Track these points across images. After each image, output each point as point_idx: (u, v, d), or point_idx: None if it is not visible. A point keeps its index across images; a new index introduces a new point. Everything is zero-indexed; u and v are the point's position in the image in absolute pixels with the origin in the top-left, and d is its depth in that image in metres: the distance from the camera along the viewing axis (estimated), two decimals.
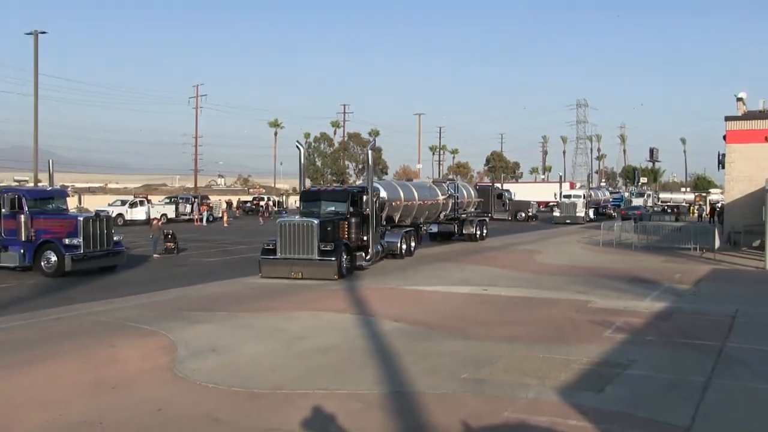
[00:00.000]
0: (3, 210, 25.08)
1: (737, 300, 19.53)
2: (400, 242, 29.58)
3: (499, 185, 75.39)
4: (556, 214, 63.50)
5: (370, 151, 27.99)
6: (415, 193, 33.24)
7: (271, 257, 23.38)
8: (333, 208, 25.57)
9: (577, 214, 61.50)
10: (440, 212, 36.79)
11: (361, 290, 20.97)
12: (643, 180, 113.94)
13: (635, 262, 29.90)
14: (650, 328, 15.56)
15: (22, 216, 24.67)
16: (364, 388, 10.89)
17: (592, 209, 65.85)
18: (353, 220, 24.89)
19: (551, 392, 10.57)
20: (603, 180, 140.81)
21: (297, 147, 27.99)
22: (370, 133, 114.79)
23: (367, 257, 25.13)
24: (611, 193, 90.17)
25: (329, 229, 23.62)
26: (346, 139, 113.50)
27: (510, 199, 70.25)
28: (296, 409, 9.77)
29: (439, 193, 36.20)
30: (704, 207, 74.59)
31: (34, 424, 9.32)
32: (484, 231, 41.07)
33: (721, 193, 68.60)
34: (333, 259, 22.60)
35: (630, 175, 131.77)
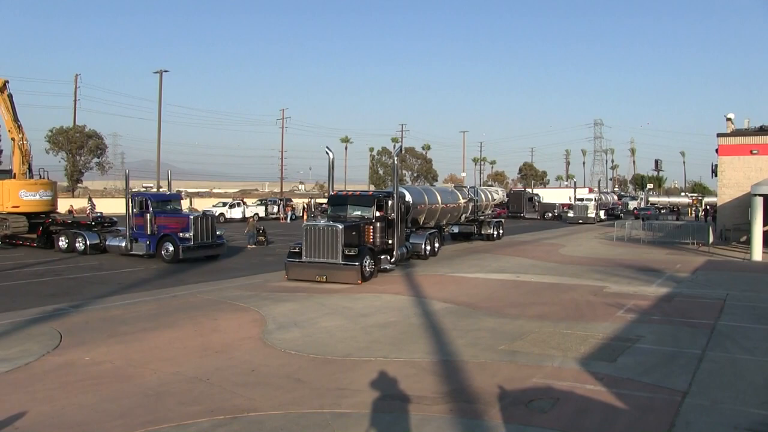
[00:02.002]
0: (134, 210, 25.81)
1: (727, 285, 19.07)
2: (425, 244, 26.15)
3: (530, 190, 74.68)
4: (570, 214, 60.93)
5: (395, 157, 23.48)
6: (439, 197, 29.82)
7: (297, 260, 19.97)
8: (359, 213, 22.14)
9: (588, 215, 59.05)
10: (461, 214, 33.44)
11: (415, 276, 20.93)
12: (650, 186, 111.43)
13: (643, 254, 29.22)
14: (655, 309, 15.22)
15: (148, 215, 25.32)
16: (417, 356, 10.86)
17: (603, 211, 63.99)
18: (378, 224, 21.54)
19: (572, 362, 10.43)
20: (616, 186, 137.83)
21: (327, 152, 24.13)
22: (423, 147, 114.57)
23: (392, 260, 21.82)
24: (619, 197, 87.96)
25: (354, 233, 20.33)
26: (403, 152, 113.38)
27: (539, 202, 69.60)
28: (362, 372, 9.81)
29: (461, 197, 32.78)
30: (699, 208, 72.52)
31: (159, 376, 9.58)
32: (501, 231, 37.61)
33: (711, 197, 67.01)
34: (356, 263, 19.17)
35: (639, 182, 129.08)
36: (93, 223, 28.75)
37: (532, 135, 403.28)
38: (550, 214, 67.00)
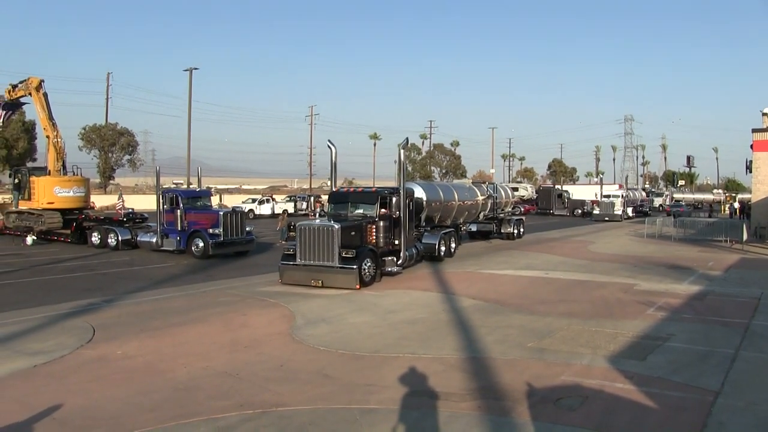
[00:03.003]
0: (165, 206, 26.16)
1: (762, 284, 18.71)
2: (438, 244, 24.08)
3: (559, 187, 73.97)
4: (596, 211, 58.73)
5: (401, 150, 20.86)
6: (455, 194, 27.87)
7: (291, 263, 18.20)
8: (361, 211, 20.27)
9: (615, 212, 56.91)
10: (479, 212, 31.41)
11: (444, 273, 20.89)
12: (681, 182, 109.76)
13: (674, 251, 28.79)
14: (686, 308, 14.99)
15: (178, 211, 25.62)
16: (446, 353, 10.85)
17: (630, 208, 62.34)
18: (382, 223, 19.60)
19: (601, 360, 10.33)
20: (646, 183, 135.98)
21: (329, 146, 21.94)
22: (452, 144, 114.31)
23: (399, 261, 19.80)
24: (648, 193, 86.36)
25: (354, 233, 18.47)
26: (431, 148, 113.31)
27: (568, 199, 68.89)
28: (390, 368, 9.84)
29: (479, 194, 30.77)
30: (734, 205, 71.06)
31: (189, 371, 9.70)
32: (521, 230, 35.36)
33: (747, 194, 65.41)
34: (354, 267, 17.34)
35: (670, 178, 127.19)
36: (125, 220, 29.22)
37: (561, 131, 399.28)
38: (580, 211, 66.14)
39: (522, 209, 68.49)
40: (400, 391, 8.74)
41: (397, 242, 20.14)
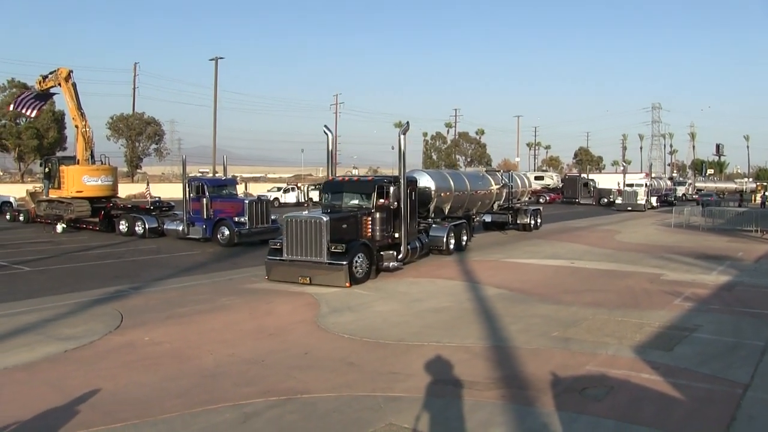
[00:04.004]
0: (191, 195, 26.41)
1: None
2: (447, 237, 22.26)
3: (585, 175, 73.14)
4: (618, 201, 56.85)
5: (401, 136, 18.96)
6: (467, 183, 26.00)
7: (278, 258, 16.92)
8: (357, 201, 18.72)
9: (638, 202, 54.83)
10: (494, 202, 29.36)
11: (470, 262, 20.83)
12: (710, 171, 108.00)
13: (702, 241, 28.35)
14: (715, 298, 14.77)
15: (204, 199, 25.84)
16: (470, 342, 10.84)
17: (655, 197, 60.26)
18: (378, 215, 18.06)
19: (627, 350, 10.25)
20: (674, 172, 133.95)
21: (325, 132, 20.91)
22: (477, 132, 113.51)
23: (400, 256, 18.35)
24: (674, 182, 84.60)
25: (345, 226, 17.01)
26: (457, 137, 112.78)
27: (594, 187, 68.03)
28: (415, 357, 9.86)
29: (493, 183, 28.71)
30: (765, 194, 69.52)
31: (215, 357, 9.82)
32: (539, 220, 33.08)
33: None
34: (344, 263, 15.90)
35: (698, 167, 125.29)
36: (151, 208, 29.57)
37: (588, 119, 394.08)
38: (606, 200, 65.27)
39: (547, 198, 68.06)
40: (425, 379, 8.76)
41: (397, 235, 18.72)
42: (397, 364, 9.53)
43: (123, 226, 28.75)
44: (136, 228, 28.11)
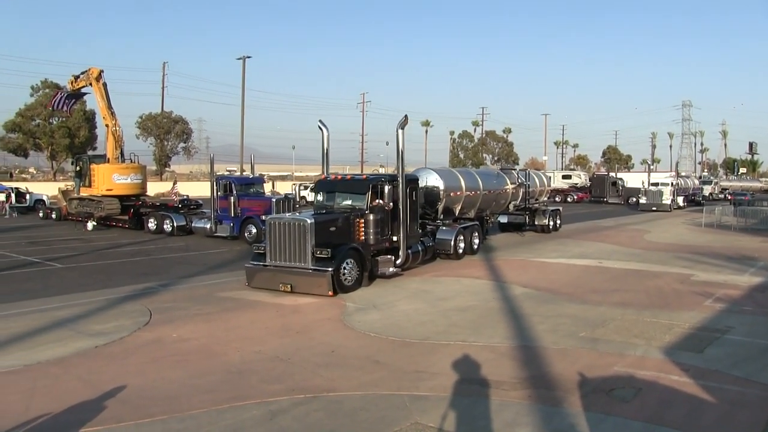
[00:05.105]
0: (218, 193, 26.68)
1: None
2: (455, 240, 20.56)
3: (613, 174, 72.19)
4: (642, 201, 53.48)
5: (399, 131, 17.22)
6: (480, 182, 24.35)
7: (261, 264, 15.54)
8: (350, 202, 17.30)
9: (663, 202, 51.50)
10: (509, 202, 27.82)
11: (495, 260, 20.71)
12: (743, 170, 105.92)
13: (734, 241, 27.79)
14: (747, 300, 14.48)
15: (232, 198, 26.06)
16: (496, 341, 10.80)
17: (682, 197, 57.09)
18: (372, 216, 16.50)
19: (656, 351, 10.11)
20: (705, 170, 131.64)
21: (320, 127, 19.80)
22: (504, 131, 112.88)
23: (398, 261, 17.02)
24: (703, 182, 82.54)
25: (333, 229, 15.62)
26: (484, 135, 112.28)
27: (623, 186, 67.11)
28: (440, 356, 9.85)
29: (508, 182, 27.09)
30: None
31: (242, 354, 9.92)
32: (558, 221, 31.29)
33: None
34: (328, 269, 14.50)
35: (730, 165, 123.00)
36: (180, 206, 29.91)
37: (616, 117, 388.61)
38: (635, 199, 64.18)
39: (575, 197, 67.38)
40: (451, 378, 8.75)
41: (395, 239, 17.27)
42: (423, 362, 9.53)
43: (152, 224, 29.12)
44: (165, 226, 28.46)
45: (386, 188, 17.29)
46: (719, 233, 31.86)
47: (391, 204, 17.23)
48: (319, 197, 18.29)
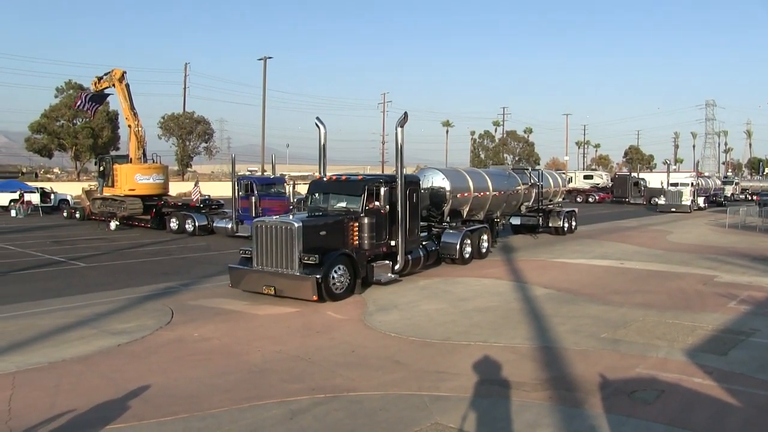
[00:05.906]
0: (240, 193, 26.86)
1: None
2: (460, 244, 19.38)
3: (635, 174, 71.44)
4: (661, 201, 51.82)
5: (398, 129, 16.56)
6: (489, 183, 23.17)
7: (245, 267, 14.91)
8: (344, 204, 16.20)
9: (683, 203, 49.79)
10: (521, 203, 26.62)
11: (516, 261, 20.64)
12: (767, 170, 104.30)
13: (759, 242, 27.39)
14: None
15: (253, 198, 26.23)
16: (517, 342, 10.76)
17: (702, 197, 55.19)
18: (367, 220, 15.69)
19: (679, 353, 10.01)
20: (729, 170, 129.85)
21: (317, 125, 18.95)
22: (525, 131, 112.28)
23: (396, 267, 16.23)
24: (724, 182, 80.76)
25: (323, 233, 14.71)
26: (504, 135, 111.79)
27: (645, 187, 66.39)
28: (461, 356, 9.84)
29: (519, 182, 25.83)
30: None
31: (263, 354, 9.99)
32: (573, 223, 30.26)
33: None
34: (316, 275, 13.60)
35: (755, 165, 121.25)
36: (201, 206, 30.16)
37: (638, 117, 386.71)
38: (656, 199, 63.31)
39: (597, 197, 66.82)
40: (471, 379, 8.74)
41: (393, 243, 16.41)
42: (444, 363, 9.53)
43: (173, 224, 29.41)
44: (186, 226, 28.71)
45: (382, 190, 16.33)
46: (744, 234, 31.42)
47: (388, 207, 16.36)
48: (314, 198, 17.33)
